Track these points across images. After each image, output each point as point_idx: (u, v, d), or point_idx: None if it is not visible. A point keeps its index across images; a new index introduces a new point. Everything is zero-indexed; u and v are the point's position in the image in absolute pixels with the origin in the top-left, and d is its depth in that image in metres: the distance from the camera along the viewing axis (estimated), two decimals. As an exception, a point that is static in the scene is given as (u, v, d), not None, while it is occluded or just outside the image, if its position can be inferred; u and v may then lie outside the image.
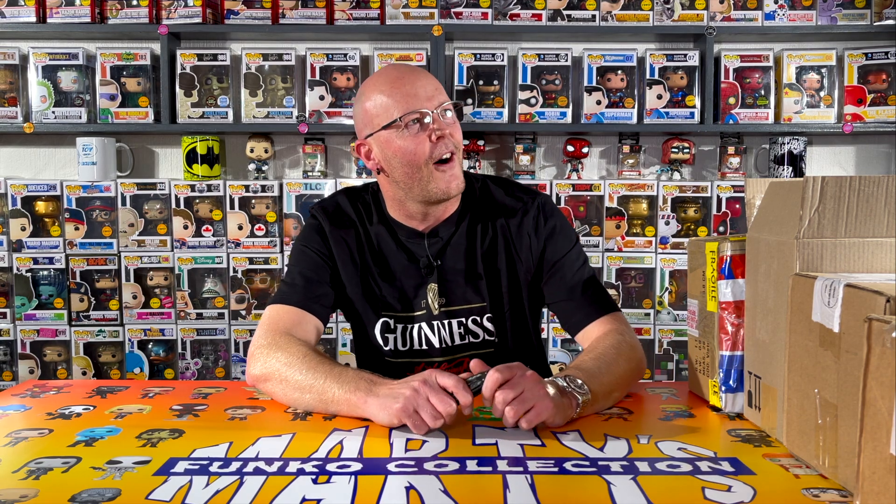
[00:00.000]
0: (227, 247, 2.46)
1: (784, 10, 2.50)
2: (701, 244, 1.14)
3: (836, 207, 0.88)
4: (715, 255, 1.10)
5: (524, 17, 2.50)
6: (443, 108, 1.30)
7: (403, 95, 1.28)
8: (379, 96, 1.30)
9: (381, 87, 1.31)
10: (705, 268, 1.13)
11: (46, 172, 2.66)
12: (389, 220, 1.38)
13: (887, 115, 2.50)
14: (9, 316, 2.47)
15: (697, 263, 1.17)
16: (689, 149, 2.53)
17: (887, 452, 0.64)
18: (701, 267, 1.15)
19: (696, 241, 1.18)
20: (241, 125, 2.52)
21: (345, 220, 1.39)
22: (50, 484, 0.83)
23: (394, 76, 1.31)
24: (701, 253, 1.15)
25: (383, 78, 1.32)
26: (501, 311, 1.37)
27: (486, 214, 1.39)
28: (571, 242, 1.38)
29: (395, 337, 1.36)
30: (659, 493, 0.80)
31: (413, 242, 1.36)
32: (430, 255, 1.35)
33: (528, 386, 1.01)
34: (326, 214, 1.39)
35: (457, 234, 1.37)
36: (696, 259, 1.18)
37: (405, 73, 1.31)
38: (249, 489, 0.81)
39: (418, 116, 1.27)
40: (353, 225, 1.39)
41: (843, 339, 0.78)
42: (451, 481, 0.83)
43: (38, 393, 1.23)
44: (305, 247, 1.37)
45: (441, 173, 1.29)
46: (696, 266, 1.18)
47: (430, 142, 1.28)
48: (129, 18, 2.49)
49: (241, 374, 2.48)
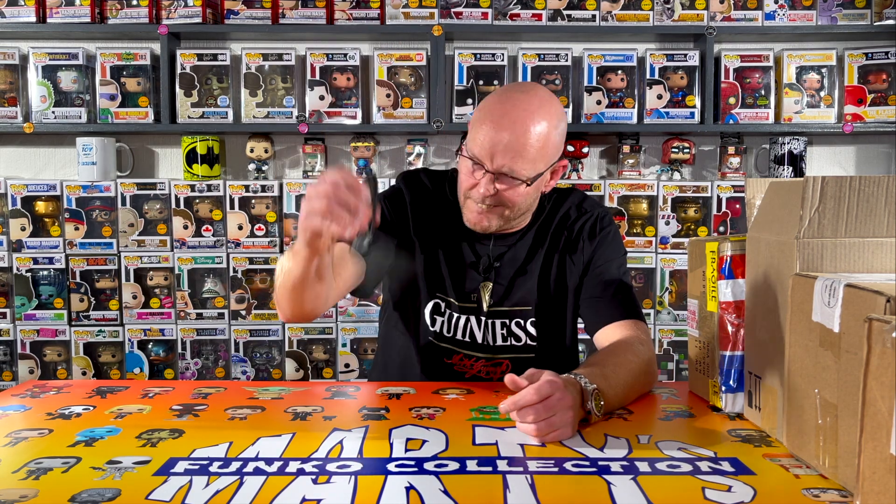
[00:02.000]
0: (227, 247, 2.46)
1: (784, 10, 2.50)
2: (701, 244, 1.14)
3: (836, 207, 0.88)
4: (715, 256, 1.10)
5: (524, 17, 2.50)
6: (502, 178, 1.25)
7: (480, 138, 1.25)
8: (480, 113, 1.28)
9: (484, 108, 1.28)
10: (705, 268, 1.13)
11: (46, 172, 2.66)
12: (458, 211, 1.40)
13: (887, 115, 2.50)
14: (9, 316, 2.47)
15: (697, 263, 1.17)
16: (690, 149, 2.53)
17: (887, 452, 0.64)
18: (701, 267, 1.15)
19: (697, 241, 1.18)
20: (241, 125, 2.52)
21: (426, 196, 1.42)
22: (50, 484, 0.83)
23: (501, 111, 1.25)
24: (701, 253, 1.15)
25: (494, 100, 1.28)
26: (546, 316, 1.40)
27: (552, 226, 1.41)
28: (619, 253, 1.41)
29: (443, 321, 1.39)
30: (659, 493, 0.80)
31: (480, 243, 1.39)
32: (490, 256, 1.39)
33: (559, 411, 0.97)
34: (410, 186, 1.42)
35: (521, 243, 1.39)
36: (696, 259, 1.18)
37: (501, 116, 1.24)
38: (249, 489, 0.81)
39: (475, 162, 1.26)
40: (432, 203, 1.41)
41: (843, 339, 0.78)
42: (451, 481, 0.83)
43: (38, 393, 1.23)
44: (393, 200, 1.40)
45: (474, 209, 1.30)
46: (696, 266, 1.18)
47: (475, 185, 1.28)
48: (129, 18, 2.49)
49: (240, 374, 2.48)
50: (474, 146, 1.26)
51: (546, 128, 1.25)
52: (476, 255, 1.39)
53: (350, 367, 2.49)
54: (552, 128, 1.26)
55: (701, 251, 1.14)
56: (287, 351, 2.48)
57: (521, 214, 1.35)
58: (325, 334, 2.47)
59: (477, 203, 1.29)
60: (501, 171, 1.24)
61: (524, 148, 1.23)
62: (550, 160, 1.29)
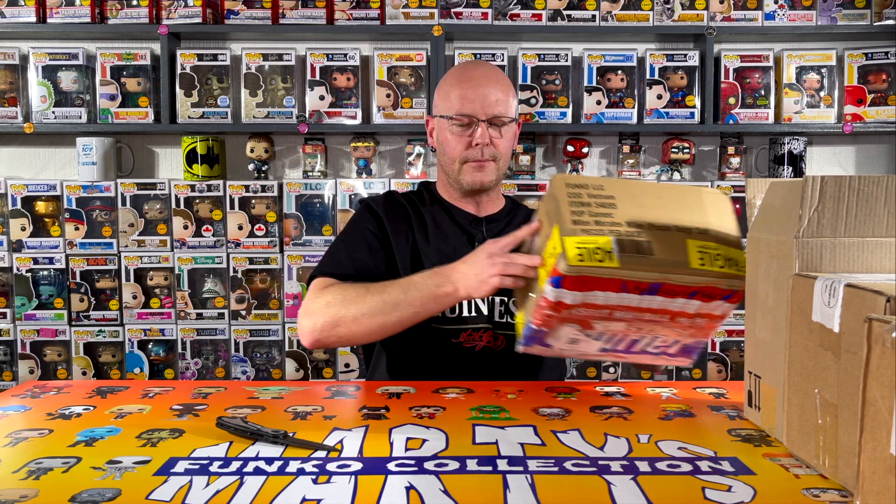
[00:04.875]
0: (227, 247, 2.46)
1: (784, 10, 2.50)
2: (554, 212, 1.08)
3: (835, 207, 0.88)
4: (554, 257, 1.05)
5: (524, 17, 2.50)
6: (495, 120, 1.42)
7: (462, 98, 1.43)
8: (447, 86, 1.47)
9: (452, 79, 1.47)
10: (547, 250, 1.09)
11: (46, 172, 2.66)
12: (444, 202, 1.52)
13: (887, 115, 2.51)
14: (9, 316, 2.47)
15: (548, 229, 1.10)
16: (689, 149, 2.53)
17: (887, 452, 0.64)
18: (550, 240, 1.08)
19: (551, 203, 1.11)
20: (241, 125, 2.52)
21: (397, 205, 1.51)
22: (50, 484, 0.83)
23: (466, 75, 1.46)
24: (551, 223, 1.09)
25: (459, 71, 1.49)
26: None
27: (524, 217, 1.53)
28: None
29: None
30: (659, 493, 0.80)
31: (472, 226, 1.49)
32: (485, 235, 1.47)
33: None
34: (379, 202, 1.51)
35: (514, 222, 1.50)
36: (550, 219, 1.11)
37: (476, 76, 1.44)
38: (249, 489, 0.81)
39: (467, 122, 1.43)
40: (404, 209, 1.50)
41: (843, 339, 0.78)
42: (451, 481, 0.83)
43: (38, 393, 1.23)
44: (357, 230, 1.47)
45: (471, 169, 1.45)
46: (549, 225, 1.10)
47: (469, 145, 1.43)
48: (129, 18, 2.49)
49: (240, 374, 2.48)
50: (461, 106, 1.42)
51: (508, 80, 1.50)
52: (472, 240, 1.47)
53: (350, 367, 2.49)
54: (510, 82, 1.51)
55: (550, 224, 1.08)
56: (287, 351, 2.48)
57: (503, 171, 1.50)
58: (325, 334, 2.47)
59: (475, 159, 1.44)
60: (494, 115, 1.42)
61: (502, 91, 1.44)
62: (516, 109, 1.51)
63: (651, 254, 1.02)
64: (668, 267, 1.02)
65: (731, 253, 1.06)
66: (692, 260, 1.03)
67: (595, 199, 1.06)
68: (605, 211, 1.05)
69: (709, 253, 1.04)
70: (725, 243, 1.07)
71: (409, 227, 1.47)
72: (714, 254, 1.05)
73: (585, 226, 1.03)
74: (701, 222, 1.08)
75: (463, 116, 1.43)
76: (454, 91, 1.45)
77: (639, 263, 1.01)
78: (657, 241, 1.03)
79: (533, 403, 1.14)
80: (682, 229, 1.06)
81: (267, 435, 0.96)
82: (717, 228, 1.08)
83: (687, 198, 1.11)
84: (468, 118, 1.42)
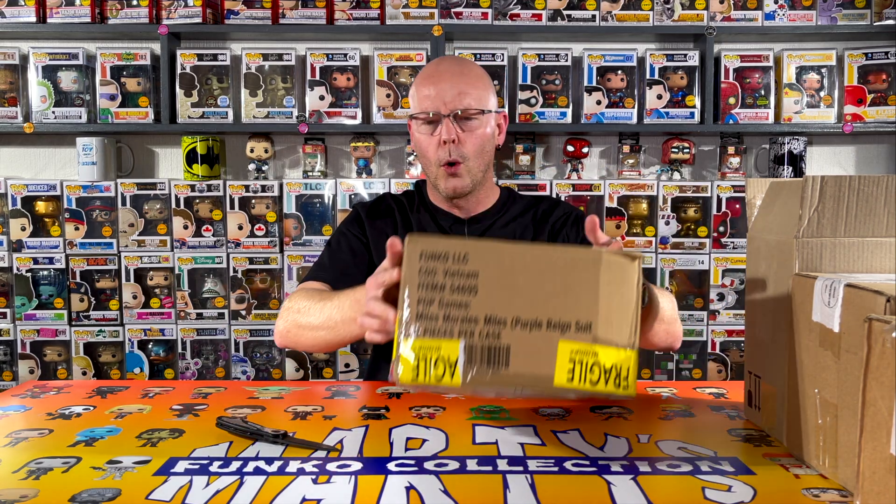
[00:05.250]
0: (227, 247, 2.46)
1: (784, 10, 2.50)
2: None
3: (835, 207, 0.88)
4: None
5: (524, 17, 2.50)
6: (460, 114, 1.35)
7: (424, 95, 1.36)
8: (414, 86, 1.41)
9: (418, 77, 1.41)
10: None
11: (46, 172, 2.66)
12: (431, 206, 1.48)
13: (887, 115, 2.51)
14: (9, 316, 2.47)
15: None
16: (689, 149, 2.53)
17: (887, 452, 0.64)
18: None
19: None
20: (241, 125, 2.52)
21: (383, 211, 1.48)
22: (50, 484, 0.83)
23: (430, 71, 1.39)
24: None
25: (425, 69, 1.42)
26: None
27: (528, 218, 1.48)
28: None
29: None
30: (659, 492, 0.80)
31: (455, 229, 1.45)
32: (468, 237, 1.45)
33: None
34: (365, 207, 1.49)
35: (498, 223, 1.46)
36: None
37: (440, 72, 1.38)
38: (249, 489, 0.81)
39: (430, 119, 1.36)
40: (391, 214, 1.48)
41: (843, 339, 0.78)
42: (451, 481, 0.83)
43: (38, 393, 1.23)
44: (342, 234, 1.46)
45: (444, 175, 1.38)
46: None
47: (438, 144, 1.36)
48: (129, 18, 2.49)
49: (240, 374, 2.48)
50: (424, 104, 1.36)
51: (480, 70, 1.41)
52: None
53: (350, 367, 2.49)
54: (484, 73, 1.42)
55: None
56: (287, 351, 2.48)
57: (482, 170, 1.42)
58: (325, 334, 2.47)
59: (445, 162, 1.36)
60: (456, 108, 1.34)
61: (468, 84, 1.36)
62: (493, 102, 1.41)
63: (506, 365, 0.84)
64: (525, 382, 0.85)
65: (615, 358, 0.84)
66: (559, 374, 0.84)
67: (453, 278, 0.85)
68: (462, 298, 0.85)
69: (584, 361, 0.84)
70: (610, 343, 0.84)
71: (394, 231, 1.46)
72: (590, 363, 0.84)
73: (431, 322, 0.85)
74: (587, 311, 0.84)
75: (426, 113, 1.36)
76: (418, 89, 1.39)
77: (487, 379, 0.84)
78: (519, 345, 0.84)
79: (533, 403, 1.14)
80: (557, 325, 0.84)
81: (267, 435, 0.96)
82: (607, 320, 0.84)
83: (578, 271, 0.85)
84: (432, 115, 1.36)
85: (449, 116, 1.34)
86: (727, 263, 2.45)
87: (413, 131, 1.41)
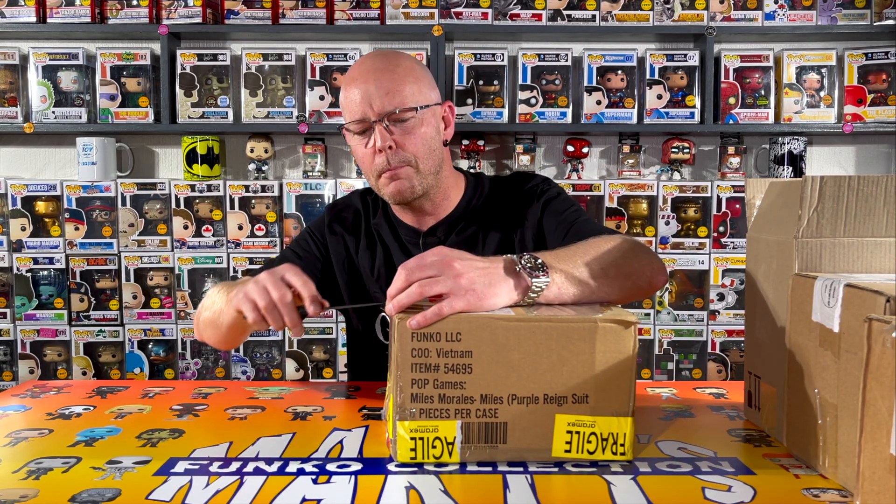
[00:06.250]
0: (227, 247, 2.46)
1: (784, 10, 2.50)
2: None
3: (834, 207, 0.88)
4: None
5: (524, 17, 2.50)
6: (389, 118, 1.20)
7: (350, 101, 1.22)
8: (342, 92, 1.25)
9: (345, 82, 1.24)
10: None
11: (46, 172, 2.66)
12: (391, 215, 1.37)
13: (887, 115, 2.51)
14: (9, 316, 2.47)
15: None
16: (689, 149, 2.53)
17: (887, 452, 0.64)
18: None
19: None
20: (241, 125, 2.52)
21: (349, 216, 1.39)
22: (50, 484, 0.83)
23: (353, 73, 1.23)
24: None
25: (351, 72, 1.25)
26: None
27: (488, 212, 1.33)
28: (572, 203, 1.33)
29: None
30: (659, 493, 0.80)
31: (410, 241, 1.34)
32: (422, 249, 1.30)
33: (446, 269, 0.88)
34: (333, 210, 1.40)
35: (453, 235, 1.32)
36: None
37: (363, 73, 1.22)
38: (249, 489, 0.81)
39: (361, 127, 1.22)
40: (357, 220, 1.38)
41: (843, 339, 0.78)
42: (451, 481, 0.83)
43: (38, 393, 1.23)
44: (306, 236, 1.40)
45: (385, 180, 1.24)
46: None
47: (375, 152, 1.21)
48: (129, 18, 2.49)
49: (240, 374, 2.48)
50: (352, 110, 1.22)
51: (409, 62, 1.24)
52: (407, 252, 1.32)
53: (350, 367, 2.49)
54: (415, 63, 1.25)
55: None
56: (287, 351, 2.48)
57: (433, 172, 1.26)
58: (325, 334, 2.47)
59: (383, 168, 1.22)
60: (386, 111, 1.19)
61: (396, 80, 1.20)
62: (430, 95, 1.25)
63: (503, 441, 0.86)
64: (522, 455, 0.87)
65: (612, 426, 0.86)
66: (556, 445, 0.86)
67: (447, 358, 0.84)
68: (457, 378, 0.85)
69: (581, 432, 0.86)
70: (607, 413, 0.86)
71: (353, 246, 1.37)
72: (587, 433, 0.86)
73: (427, 403, 0.85)
74: (583, 383, 0.85)
75: (355, 123, 1.22)
76: (344, 95, 1.23)
77: (485, 455, 0.87)
78: (516, 421, 0.86)
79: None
80: (553, 399, 0.85)
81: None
82: (603, 390, 0.86)
83: (573, 343, 0.85)
84: (363, 122, 1.21)
85: (381, 122, 1.20)
86: (727, 263, 2.45)
87: (350, 141, 1.26)
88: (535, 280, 0.91)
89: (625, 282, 1.00)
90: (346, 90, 1.23)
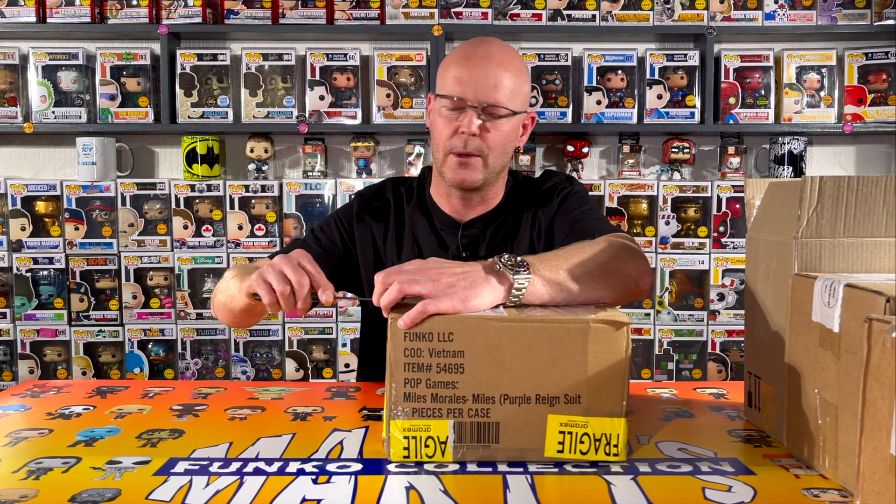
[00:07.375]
0: (227, 247, 2.46)
1: (784, 10, 2.50)
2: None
3: (834, 207, 0.88)
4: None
5: (524, 17, 2.50)
6: (490, 109, 1.24)
7: (456, 78, 1.25)
8: (448, 63, 1.29)
9: (455, 55, 1.29)
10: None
11: (46, 172, 2.66)
12: (429, 203, 1.39)
13: (887, 115, 2.51)
14: (9, 316, 2.47)
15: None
16: (689, 149, 2.53)
17: (887, 452, 0.64)
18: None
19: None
20: (241, 125, 2.52)
21: (378, 205, 1.40)
22: (50, 484, 0.83)
23: (468, 53, 1.27)
24: None
25: (464, 47, 1.29)
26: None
27: (520, 211, 1.37)
28: (585, 202, 1.35)
29: None
30: (659, 493, 0.80)
31: (447, 231, 1.36)
32: (460, 245, 1.35)
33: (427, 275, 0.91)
34: (361, 197, 1.41)
35: (492, 230, 1.35)
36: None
37: (478, 56, 1.26)
38: (249, 489, 0.81)
39: (456, 105, 1.25)
40: (386, 211, 1.39)
41: (843, 339, 0.78)
42: (451, 481, 0.83)
43: (38, 393, 1.23)
44: (329, 225, 1.41)
45: (454, 164, 1.28)
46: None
47: (457, 132, 1.25)
48: (129, 18, 2.49)
49: (240, 375, 2.48)
50: (452, 86, 1.25)
51: (521, 64, 1.29)
52: (444, 246, 1.35)
53: (350, 367, 2.49)
54: (525, 67, 1.31)
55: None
56: (287, 351, 2.48)
57: (498, 171, 1.31)
58: (325, 334, 2.47)
59: (459, 149, 1.26)
60: (487, 101, 1.23)
61: (506, 76, 1.24)
62: (525, 100, 1.30)
63: (496, 440, 0.87)
64: (515, 455, 0.88)
65: (605, 427, 0.86)
66: (549, 445, 0.87)
67: (439, 358, 0.85)
68: (449, 378, 0.85)
69: (573, 432, 0.86)
70: (600, 414, 0.86)
71: (383, 235, 1.38)
72: (580, 433, 0.86)
73: (419, 403, 0.86)
74: (576, 383, 0.85)
75: (453, 98, 1.25)
76: (451, 69, 1.27)
77: (478, 455, 0.87)
78: (509, 421, 0.86)
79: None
80: (545, 399, 0.86)
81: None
82: (596, 391, 0.86)
83: (565, 343, 0.85)
84: (459, 101, 1.24)
85: (476, 108, 1.24)
86: (727, 263, 2.45)
87: (436, 108, 1.29)
88: (516, 277, 0.92)
89: (611, 282, 1.01)
90: (456, 65, 1.26)
